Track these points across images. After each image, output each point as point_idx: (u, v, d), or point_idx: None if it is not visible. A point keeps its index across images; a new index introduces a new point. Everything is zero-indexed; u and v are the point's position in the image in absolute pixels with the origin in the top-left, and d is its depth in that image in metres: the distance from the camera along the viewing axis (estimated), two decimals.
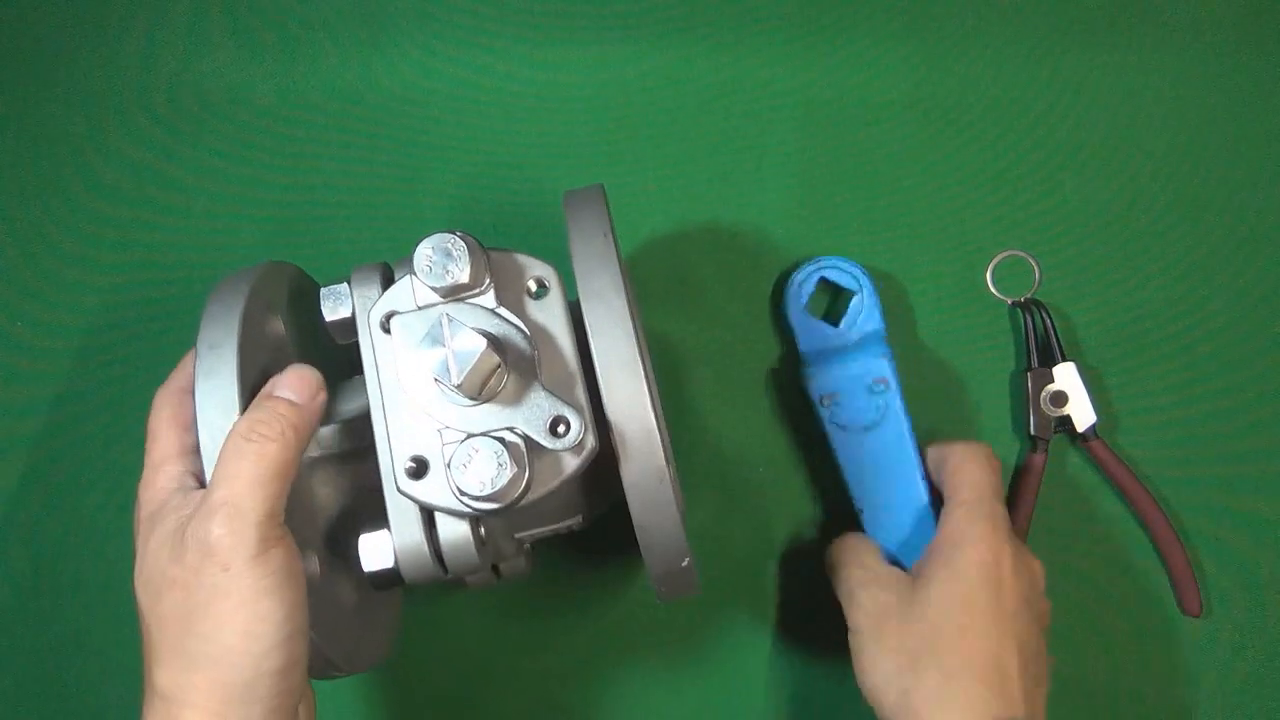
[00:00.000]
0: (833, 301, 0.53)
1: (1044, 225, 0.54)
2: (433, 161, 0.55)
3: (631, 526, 0.37)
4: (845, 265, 0.51)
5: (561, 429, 0.36)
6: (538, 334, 0.37)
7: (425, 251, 0.36)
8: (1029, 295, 0.54)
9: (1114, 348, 0.53)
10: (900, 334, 0.53)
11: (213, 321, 0.37)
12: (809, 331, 0.51)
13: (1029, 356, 0.53)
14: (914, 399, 0.52)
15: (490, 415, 0.36)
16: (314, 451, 0.39)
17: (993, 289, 0.54)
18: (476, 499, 0.34)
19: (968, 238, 0.54)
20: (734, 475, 0.53)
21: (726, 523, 0.52)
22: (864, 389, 0.48)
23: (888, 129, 0.55)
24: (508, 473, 0.34)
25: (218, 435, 0.35)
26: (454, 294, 0.37)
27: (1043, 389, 0.52)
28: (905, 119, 0.55)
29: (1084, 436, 0.52)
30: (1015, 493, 0.52)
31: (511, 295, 0.38)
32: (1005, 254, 0.54)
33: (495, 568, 0.43)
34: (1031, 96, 0.56)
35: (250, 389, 0.36)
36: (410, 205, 0.55)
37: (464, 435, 0.35)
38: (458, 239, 0.36)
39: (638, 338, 0.36)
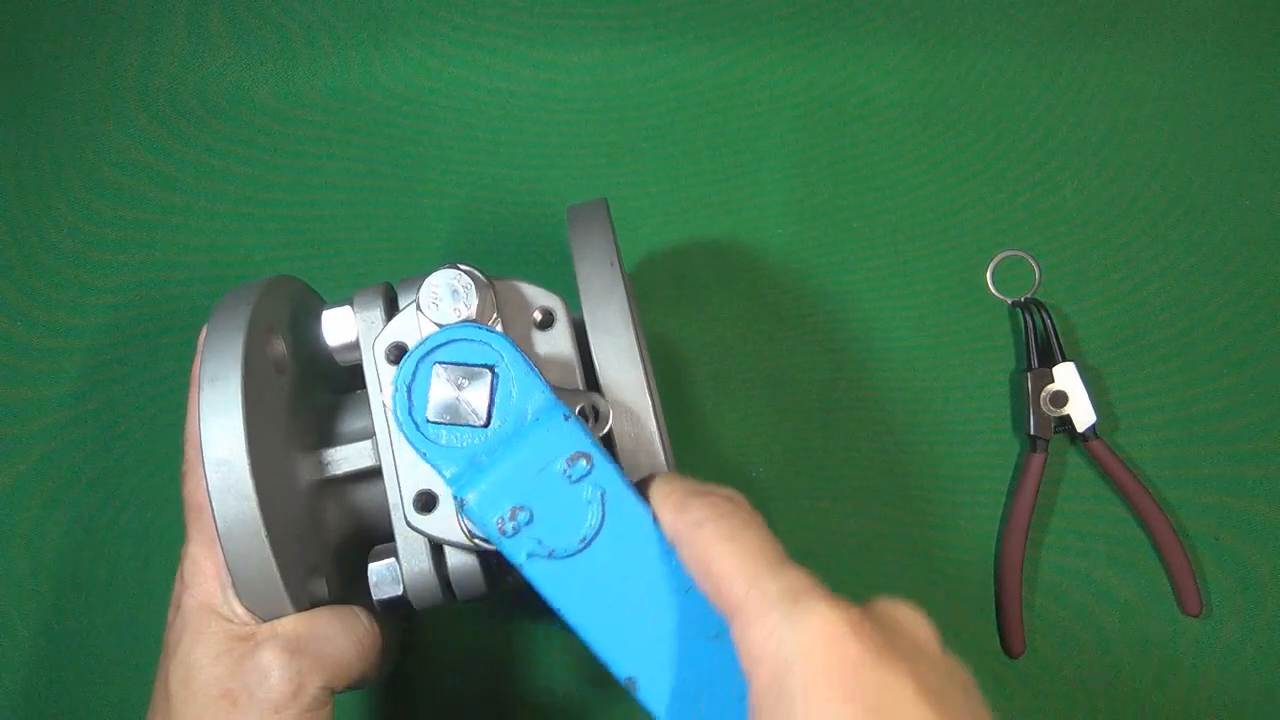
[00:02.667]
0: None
1: (1044, 225, 0.54)
2: (433, 160, 0.55)
3: None
4: (465, 334, 0.33)
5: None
6: (545, 366, 0.37)
7: (431, 289, 0.35)
8: (1029, 295, 0.54)
9: (1114, 348, 0.53)
10: (901, 333, 0.53)
11: (215, 352, 0.36)
12: (449, 445, 0.33)
13: (1029, 356, 0.53)
14: (915, 399, 0.52)
15: None
16: (320, 474, 0.39)
17: (993, 289, 0.54)
18: (486, 541, 0.34)
19: (968, 238, 0.54)
20: (733, 475, 0.53)
21: None
22: (560, 481, 0.31)
23: (887, 129, 0.55)
24: None
25: (224, 470, 0.34)
26: None
27: (1042, 389, 0.52)
28: (905, 119, 0.55)
29: (1084, 436, 0.52)
30: (1015, 493, 0.52)
31: (519, 328, 0.37)
32: (1005, 254, 0.54)
33: None
34: (1031, 97, 0.56)
35: (254, 419, 0.35)
36: (411, 204, 0.55)
37: None
38: (463, 274, 0.35)
39: (646, 370, 0.36)
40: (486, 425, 0.32)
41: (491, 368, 0.33)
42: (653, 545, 0.30)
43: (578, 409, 0.35)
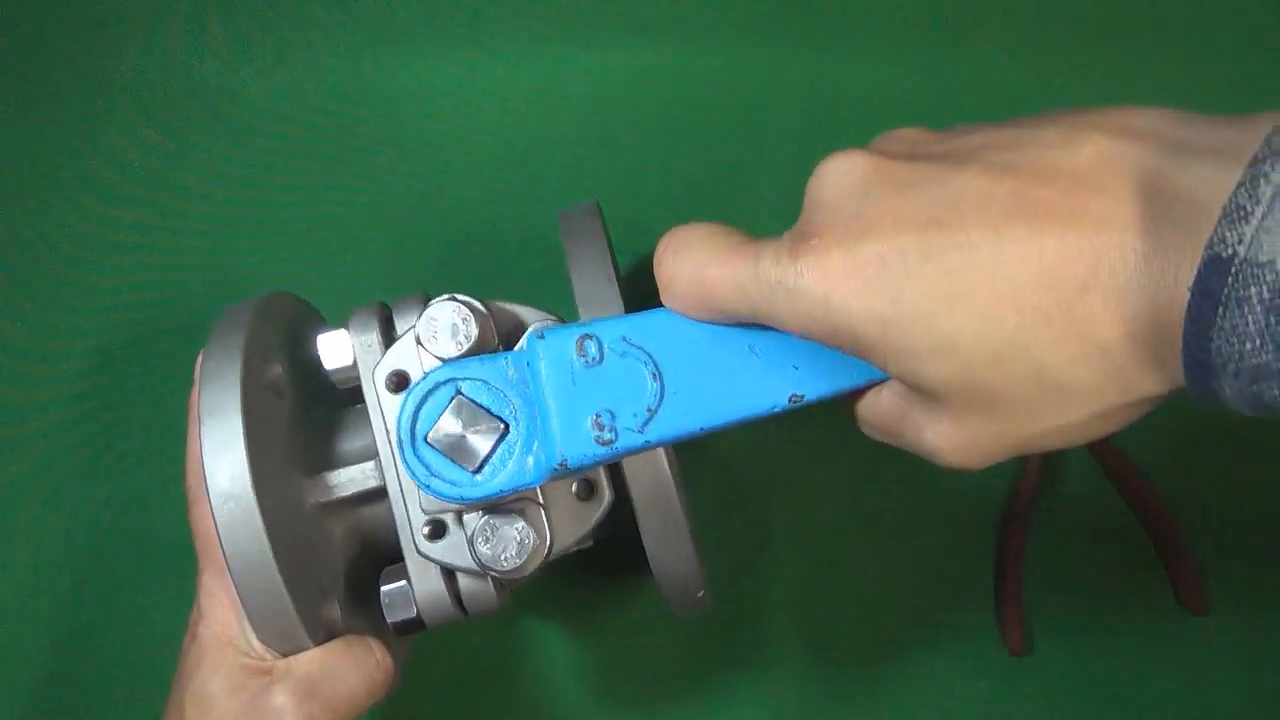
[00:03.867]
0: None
1: None
2: (432, 160, 0.55)
3: (637, 540, 0.37)
4: (416, 400, 0.32)
5: (584, 491, 0.36)
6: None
7: (430, 323, 0.35)
8: None
9: None
10: None
11: (212, 383, 0.36)
12: (505, 464, 0.32)
13: None
14: None
15: None
16: (325, 496, 0.39)
17: None
18: (500, 571, 0.35)
19: None
20: (732, 473, 0.53)
21: (727, 521, 0.52)
22: (593, 371, 0.30)
23: (888, 125, 0.55)
24: (529, 546, 0.34)
25: (231, 506, 0.34)
26: None
27: None
28: (906, 116, 0.55)
29: None
30: (1016, 489, 0.52)
31: None
32: None
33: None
34: (1032, 94, 0.56)
35: (256, 451, 0.35)
36: (409, 204, 0.55)
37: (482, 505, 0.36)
38: (461, 307, 0.35)
39: None
40: (507, 427, 0.31)
41: (459, 391, 0.32)
42: (689, 323, 0.31)
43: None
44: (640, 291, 0.53)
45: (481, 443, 0.31)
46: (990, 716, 0.51)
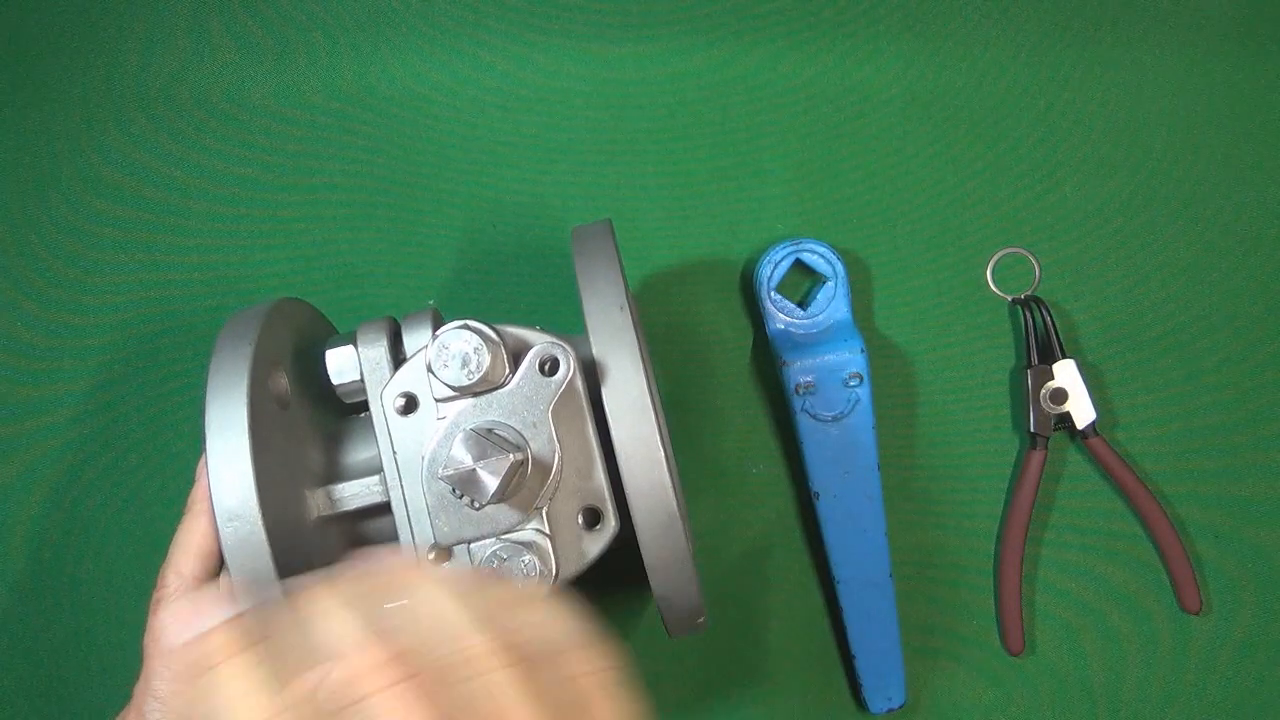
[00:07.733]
0: (805, 286, 0.54)
1: (1044, 223, 0.54)
2: (433, 160, 0.55)
3: (636, 555, 0.37)
4: (821, 249, 0.52)
5: (590, 520, 0.36)
6: (554, 416, 0.36)
7: (442, 351, 0.35)
8: (1029, 292, 0.54)
9: (1114, 345, 0.53)
10: (901, 330, 0.53)
11: (219, 399, 0.36)
12: (779, 312, 0.52)
13: (1029, 353, 0.53)
14: (914, 397, 0.53)
15: (513, 511, 0.36)
16: (329, 510, 0.39)
17: (993, 286, 0.54)
18: None
19: (968, 235, 0.54)
20: (733, 472, 0.53)
21: (723, 520, 0.52)
22: (839, 381, 0.49)
23: (888, 125, 0.55)
24: (534, 579, 0.34)
25: (236, 523, 0.34)
26: (473, 390, 0.36)
27: (1043, 386, 0.52)
28: (906, 115, 0.55)
29: (1084, 434, 0.52)
30: (1015, 491, 0.52)
31: (529, 377, 0.37)
32: (1005, 251, 0.54)
33: None
34: (1032, 94, 0.56)
35: (261, 469, 0.35)
36: (410, 204, 0.55)
37: (489, 534, 0.36)
38: (474, 336, 0.35)
39: (658, 417, 0.35)
40: (806, 310, 0.51)
41: (824, 279, 0.52)
42: (868, 438, 0.49)
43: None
44: (648, 304, 0.54)
45: (489, 476, 0.34)
46: (990, 716, 0.51)
